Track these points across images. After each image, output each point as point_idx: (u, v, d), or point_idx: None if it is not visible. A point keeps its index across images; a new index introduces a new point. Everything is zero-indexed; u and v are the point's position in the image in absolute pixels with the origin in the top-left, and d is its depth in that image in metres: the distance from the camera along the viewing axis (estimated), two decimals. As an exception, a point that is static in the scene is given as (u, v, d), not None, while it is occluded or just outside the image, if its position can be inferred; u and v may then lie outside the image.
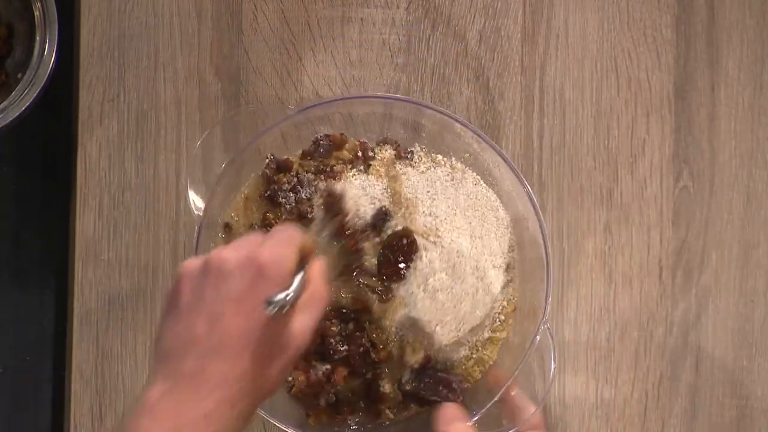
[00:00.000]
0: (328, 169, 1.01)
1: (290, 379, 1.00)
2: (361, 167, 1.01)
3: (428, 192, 1.00)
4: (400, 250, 0.97)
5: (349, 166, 1.01)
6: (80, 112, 1.06)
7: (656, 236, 1.07)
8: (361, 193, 0.99)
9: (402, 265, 0.97)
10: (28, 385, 1.08)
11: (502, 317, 1.01)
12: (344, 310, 0.99)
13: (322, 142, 1.02)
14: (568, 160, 1.07)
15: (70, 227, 1.07)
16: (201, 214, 0.98)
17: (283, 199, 1.00)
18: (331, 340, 0.99)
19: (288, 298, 0.81)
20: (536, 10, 1.08)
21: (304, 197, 1.00)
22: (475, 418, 0.97)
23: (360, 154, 1.02)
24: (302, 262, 0.85)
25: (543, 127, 1.07)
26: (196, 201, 0.99)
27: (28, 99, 1.01)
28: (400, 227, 0.97)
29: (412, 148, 1.03)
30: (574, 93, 1.08)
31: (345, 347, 0.99)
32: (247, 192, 1.02)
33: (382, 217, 0.97)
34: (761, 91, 1.08)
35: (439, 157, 1.03)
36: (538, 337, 0.98)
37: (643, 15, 1.08)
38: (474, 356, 1.00)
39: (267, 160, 1.01)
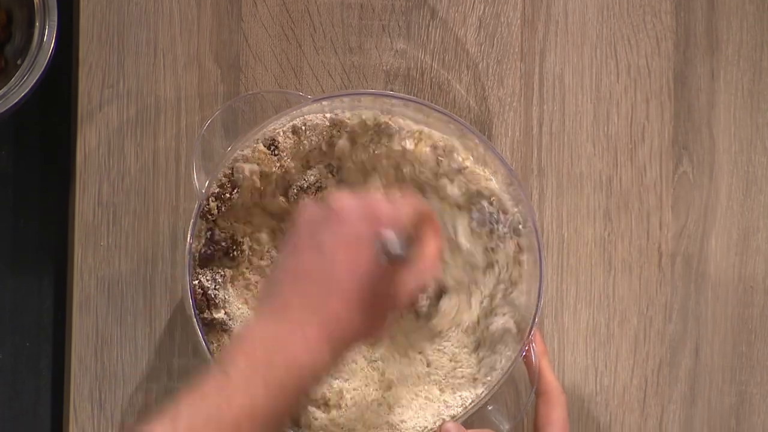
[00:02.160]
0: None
1: None
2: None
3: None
4: None
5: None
6: (79, 99, 1.06)
7: (656, 222, 1.07)
8: None
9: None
10: (27, 372, 1.08)
11: None
12: None
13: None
14: (567, 146, 1.07)
15: (69, 213, 1.07)
16: (201, 199, 0.98)
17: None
18: None
19: (398, 248, 0.82)
20: (536, -4, 1.08)
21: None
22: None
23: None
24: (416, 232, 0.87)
25: (542, 114, 1.08)
26: (198, 186, 0.98)
27: (27, 85, 1.01)
28: None
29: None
30: (573, 79, 1.08)
31: None
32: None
33: None
34: (761, 77, 1.08)
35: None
36: (523, 354, 0.98)
37: (643, 1, 1.08)
38: None
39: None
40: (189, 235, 0.97)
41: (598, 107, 1.08)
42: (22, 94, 1.01)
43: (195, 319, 0.96)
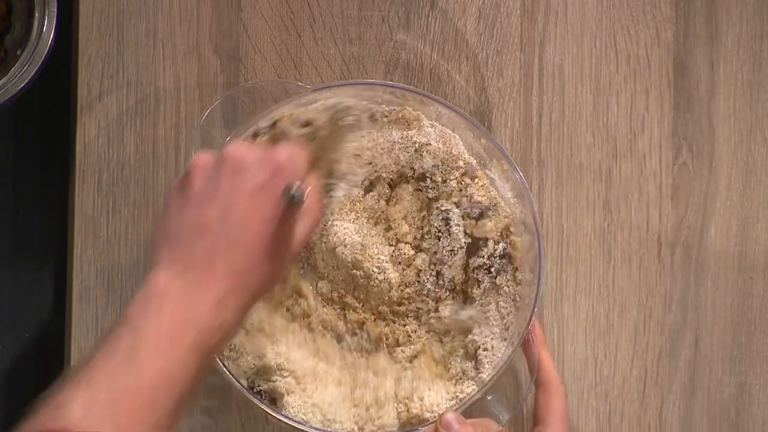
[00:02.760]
0: None
1: None
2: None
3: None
4: None
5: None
6: (79, 89, 1.06)
7: (655, 213, 1.07)
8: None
9: None
10: (27, 363, 1.08)
11: None
12: None
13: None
14: (567, 137, 1.07)
15: (69, 204, 1.07)
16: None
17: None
18: None
19: (304, 191, 0.82)
20: (535, -14, 1.08)
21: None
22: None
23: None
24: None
25: (542, 104, 1.08)
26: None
27: (27, 76, 1.01)
28: None
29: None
30: (573, 70, 1.08)
31: None
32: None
33: None
34: (760, 67, 1.08)
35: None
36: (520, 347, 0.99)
37: (642, -8, 1.08)
38: None
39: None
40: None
41: (598, 98, 1.08)
42: (22, 85, 1.01)
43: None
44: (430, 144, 1.00)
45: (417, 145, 1.00)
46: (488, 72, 1.08)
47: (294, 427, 0.98)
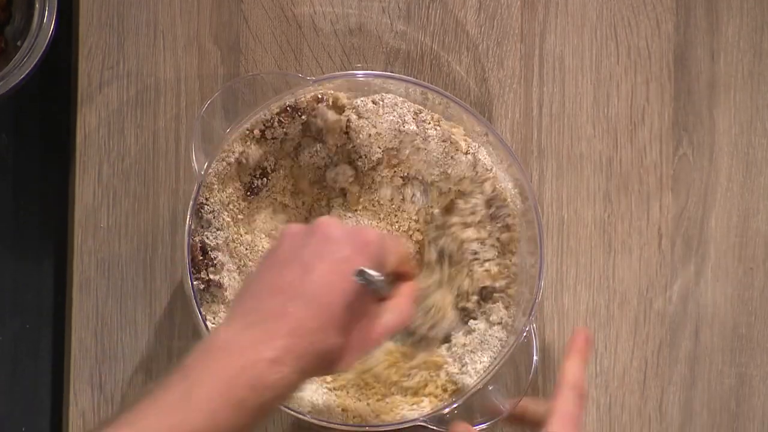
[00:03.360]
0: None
1: None
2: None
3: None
4: None
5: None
6: (79, 80, 1.06)
7: (655, 204, 1.07)
8: None
9: None
10: (27, 354, 1.08)
11: None
12: None
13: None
14: (567, 128, 1.07)
15: (69, 195, 1.07)
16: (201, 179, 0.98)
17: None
18: None
19: (379, 277, 0.82)
20: (536, -23, 1.08)
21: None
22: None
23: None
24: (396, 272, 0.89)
25: (542, 95, 1.08)
26: (198, 168, 0.98)
27: (27, 67, 1.01)
28: None
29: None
30: (573, 61, 1.08)
31: None
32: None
33: None
34: (761, 59, 1.08)
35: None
36: (524, 334, 0.99)
37: (643, -17, 1.08)
38: None
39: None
40: (193, 197, 0.97)
41: (598, 89, 1.08)
42: (22, 76, 1.01)
43: (189, 277, 0.97)
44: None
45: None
46: (489, 63, 1.08)
47: (294, 416, 0.98)
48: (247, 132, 0.99)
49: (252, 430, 0.80)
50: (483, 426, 1.00)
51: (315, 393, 0.99)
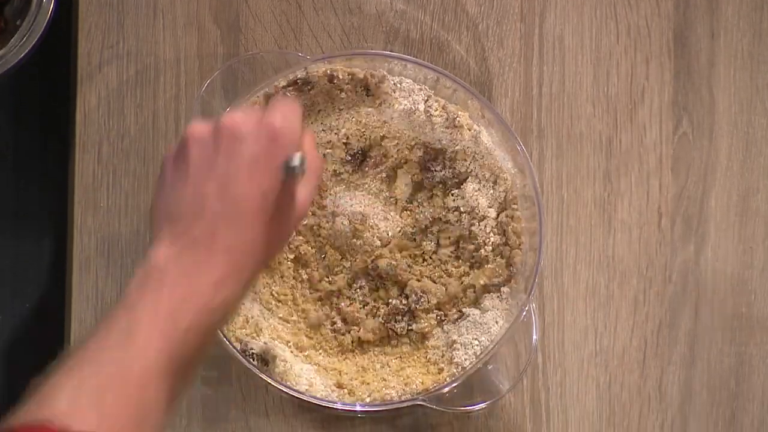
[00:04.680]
0: None
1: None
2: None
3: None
4: None
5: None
6: (79, 60, 1.06)
7: (655, 183, 1.07)
8: None
9: None
10: (27, 334, 1.09)
11: None
12: None
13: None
14: (567, 107, 1.07)
15: (69, 175, 1.07)
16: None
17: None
18: None
19: (304, 160, 0.81)
20: (535, -44, 1.08)
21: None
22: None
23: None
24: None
25: (542, 75, 1.07)
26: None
27: (27, 46, 1.01)
28: None
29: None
30: (573, 40, 1.08)
31: None
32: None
33: None
34: (760, 38, 1.08)
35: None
36: (524, 313, 0.99)
37: (643, -39, 1.08)
38: None
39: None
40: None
41: (598, 68, 1.07)
42: (22, 55, 1.01)
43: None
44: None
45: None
46: (488, 42, 1.07)
47: (292, 396, 0.98)
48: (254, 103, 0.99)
49: (204, 352, 0.80)
50: (482, 405, 1.01)
51: (310, 371, 1.00)
